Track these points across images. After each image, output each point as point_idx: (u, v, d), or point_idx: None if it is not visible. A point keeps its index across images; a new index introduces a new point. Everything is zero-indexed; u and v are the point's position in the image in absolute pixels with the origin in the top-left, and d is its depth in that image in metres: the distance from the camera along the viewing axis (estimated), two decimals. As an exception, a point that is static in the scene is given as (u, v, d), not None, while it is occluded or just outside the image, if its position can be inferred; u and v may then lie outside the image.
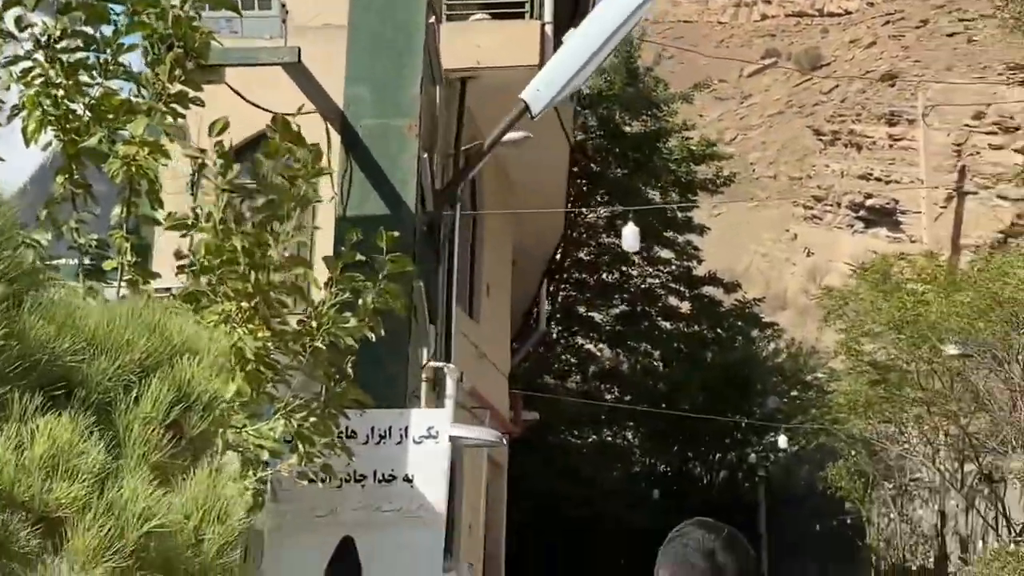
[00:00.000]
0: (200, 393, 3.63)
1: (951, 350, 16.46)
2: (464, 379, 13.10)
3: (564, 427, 27.94)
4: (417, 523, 5.40)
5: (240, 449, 4.28)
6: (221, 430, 3.71)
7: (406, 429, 5.46)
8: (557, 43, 13.37)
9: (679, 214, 29.73)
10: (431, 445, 5.56)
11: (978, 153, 35.22)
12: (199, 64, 4.95)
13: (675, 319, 31.34)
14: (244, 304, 4.49)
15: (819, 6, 71.12)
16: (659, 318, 30.95)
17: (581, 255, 29.38)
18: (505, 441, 13.86)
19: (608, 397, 31.27)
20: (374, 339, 5.00)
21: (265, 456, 4.43)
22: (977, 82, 37.54)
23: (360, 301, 4.89)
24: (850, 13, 60.14)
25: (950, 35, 43.20)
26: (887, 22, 52.28)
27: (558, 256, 24.96)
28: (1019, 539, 15.92)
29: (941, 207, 34.45)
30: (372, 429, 5.35)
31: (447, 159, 12.81)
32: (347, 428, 5.03)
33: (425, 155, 9.66)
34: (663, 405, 29.61)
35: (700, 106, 32.24)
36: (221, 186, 4.69)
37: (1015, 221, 29.57)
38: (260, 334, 4.45)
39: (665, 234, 29.51)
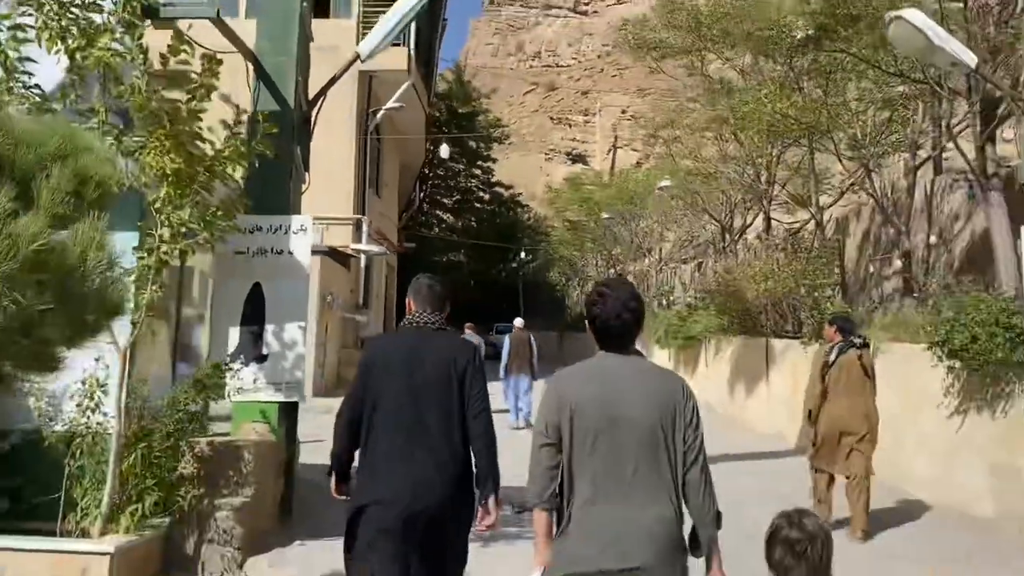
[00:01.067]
0: (95, 175, 4.05)
1: (604, 215, 26.34)
2: (372, 224, 20.84)
3: (432, 254, 43.02)
4: (295, 277, 6.80)
5: (170, 226, 5.54)
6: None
7: (289, 226, 6.75)
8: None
9: (484, 153, 50.22)
10: (302, 235, 6.77)
11: (623, 129, 61.10)
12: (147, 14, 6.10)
13: (482, 203, 51.87)
14: (166, 141, 5.43)
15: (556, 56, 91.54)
16: (475, 202, 51.55)
17: (439, 172, 46.83)
18: (389, 252, 22.01)
19: (452, 237, 49.36)
20: (270, 156, 6.23)
21: (184, 230, 5.62)
22: (625, 95, 63.08)
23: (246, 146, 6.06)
24: (569, 65, 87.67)
25: (620, 69, 62.83)
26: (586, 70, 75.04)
27: (426, 171, 41.40)
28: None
29: (606, 154, 56.62)
30: (270, 225, 6.75)
31: (362, 115, 20.46)
32: (257, 224, 6.69)
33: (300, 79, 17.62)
34: (477, 242, 48.17)
35: (496, 105, 52.17)
36: (146, 71, 5.66)
37: (640, 160, 42.57)
38: (177, 158, 5.42)
39: (477, 163, 49.83)
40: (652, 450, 2.71)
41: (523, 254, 42.35)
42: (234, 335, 6.79)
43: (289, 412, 7.05)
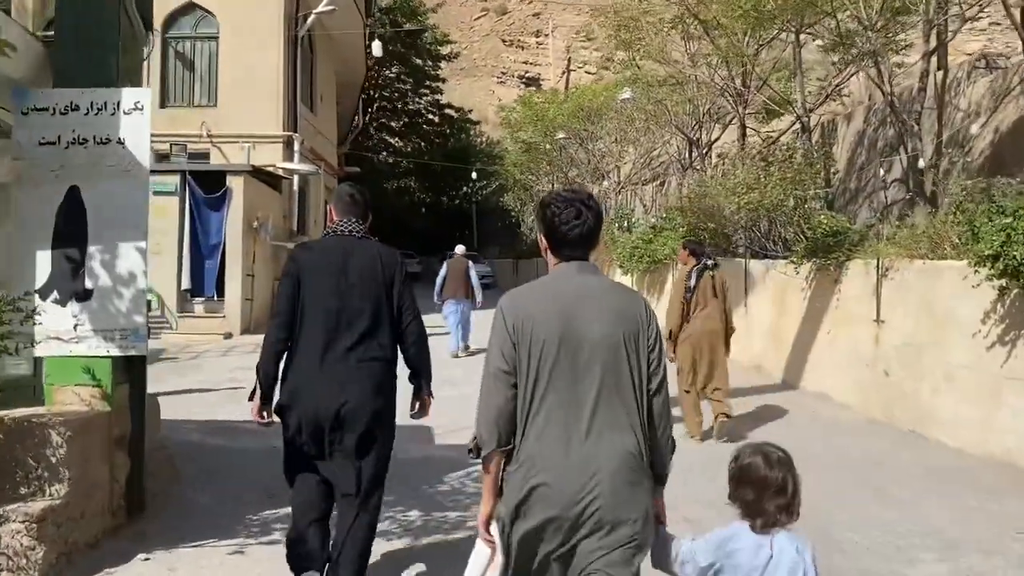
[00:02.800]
0: None
1: (560, 135, 24.31)
2: (305, 142, 18.48)
3: (379, 179, 40.92)
4: (128, 176, 4.74)
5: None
6: None
7: (118, 103, 4.69)
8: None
9: (433, 73, 45.83)
10: (138, 116, 4.75)
11: (577, 51, 58.48)
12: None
13: (432, 124, 47.33)
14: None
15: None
16: (424, 125, 47.05)
17: (385, 93, 43.73)
18: (325, 173, 19.64)
19: (400, 163, 46.83)
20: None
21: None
22: (578, 15, 59.77)
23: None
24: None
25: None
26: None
27: (369, 87, 37.39)
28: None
29: (560, 77, 55.96)
30: (91, 103, 4.68)
31: (291, 20, 17.89)
32: (71, 101, 4.70)
33: None
34: (426, 167, 45.80)
35: (445, 28, 50.23)
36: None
37: (595, 80, 40.78)
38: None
39: (425, 84, 45.52)
40: (616, 374, 2.41)
41: (475, 175, 39.75)
42: (44, 262, 4.63)
43: (131, 369, 4.95)
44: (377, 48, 19.64)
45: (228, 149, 17.92)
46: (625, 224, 21.53)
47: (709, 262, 7.61)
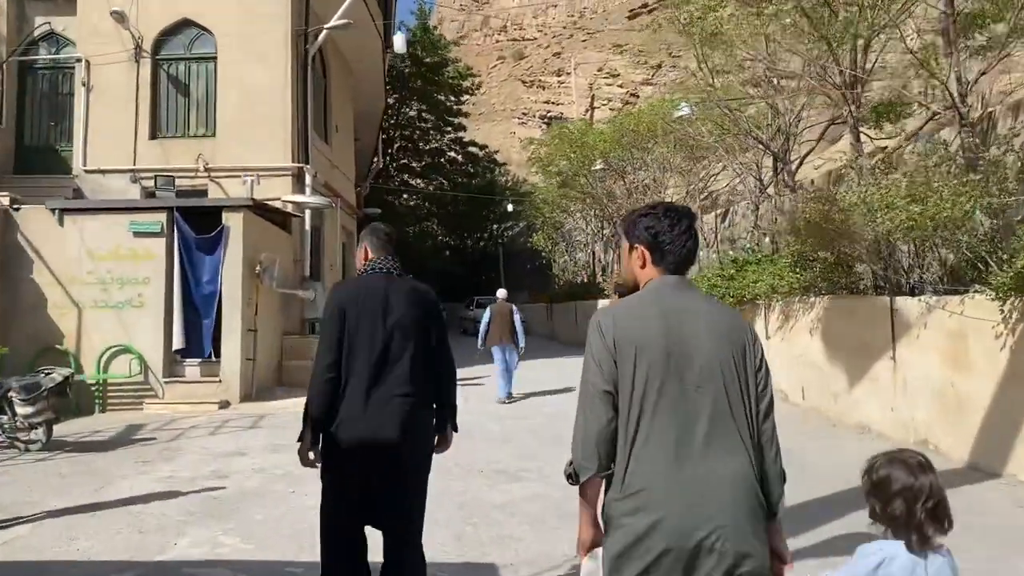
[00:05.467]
0: None
1: (598, 165, 21.44)
2: (319, 176, 15.67)
3: (400, 222, 37.96)
4: None
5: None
6: None
7: None
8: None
9: (456, 108, 43.14)
10: None
11: (600, 88, 57.48)
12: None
13: (454, 164, 44.43)
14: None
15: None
16: (446, 164, 43.95)
17: (405, 132, 41.73)
18: (342, 209, 16.78)
19: (423, 204, 44.47)
20: None
21: None
22: (600, 52, 60.67)
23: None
24: (535, 38, 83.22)
25: (590, 33, 65.07)
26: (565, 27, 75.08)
27: (388, 127, 37.15)
28: None
29: (583, 115, 53.92)
30: None
31: (299, 37, 15.34)
32: None
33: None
34: (449, 208, 43.49)
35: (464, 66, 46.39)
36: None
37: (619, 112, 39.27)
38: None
39: (447, 119, 42.52)
40: (727, 395, 2.19)
41: (508, 207, 36.13)
42: None
43: None
44: (399, 42, 16.78)
45: (229, 184, 15.05)
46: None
47: None
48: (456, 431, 3.90)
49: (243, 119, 15.21)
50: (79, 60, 15.48)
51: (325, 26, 15.75)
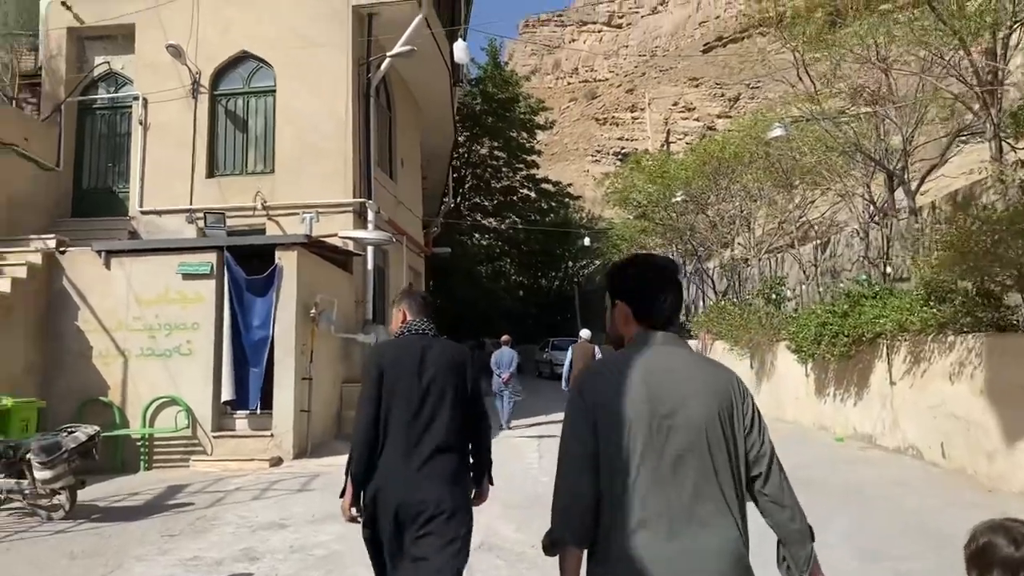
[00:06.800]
0: None
1: (678, 196, 19.88)
2: (382, 212, 14.64)
3: (471, 261, 37.50)
4: None
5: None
6: None
7: None
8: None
9: (528, 145, 41.45)
10: None
11: (676, 122, 56.03)
12: None
13: (527, 201, 42.65)
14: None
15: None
16: (519, 202, 42.19)
17: (477, 171, 40.21)
18: (403, 243, 15.56)
19: (496, 244, 43.31)
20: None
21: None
22: (675, 86, 59.06)
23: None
24: (607, 79, 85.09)
25: (663, 70, 60.22)
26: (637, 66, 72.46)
27: (459, 165, 36.31)
28: (720, 300, 19.64)
29: (659, 150, 52.14)
30: None
31: (361, 67, 14.48)
32: None
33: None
34: (522, 247, 41.73)
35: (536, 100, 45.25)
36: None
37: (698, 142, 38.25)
38: None
39: (519, 155, 40.77)
40: (712, 459, 2.07)
41: (584, 242, 34.44)
42: None
43: None
44: (460, 51, 15.60)
45: (288, 223, 14.11)
46: (775, 296, 16.70)
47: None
48: (492, 484, 3.94)
49: (303, 153, 14.33)
50: (136, 98, 14.91)
51: (388, 54, 14.81)
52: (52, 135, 14.96)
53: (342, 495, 3.69)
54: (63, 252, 11.85)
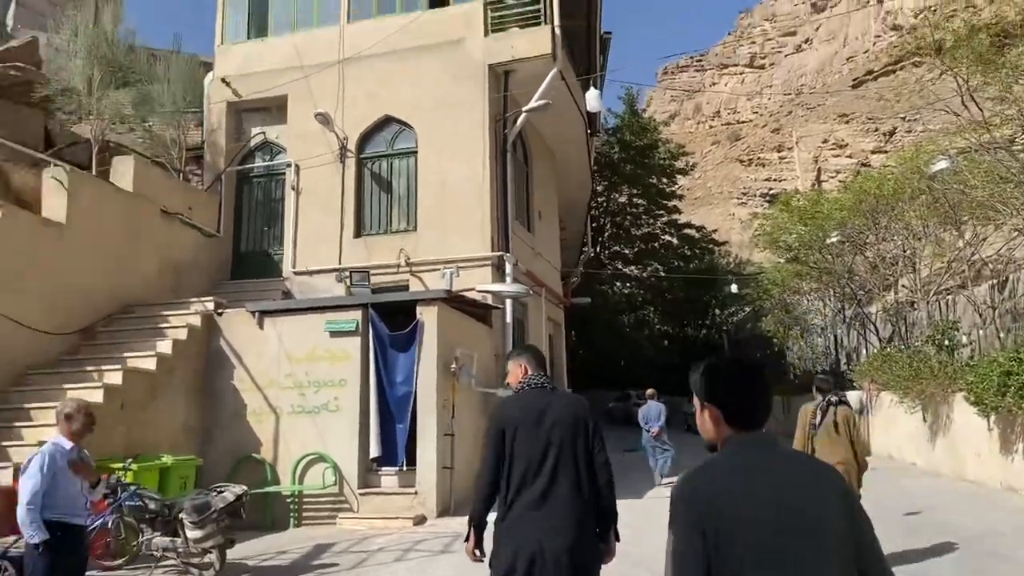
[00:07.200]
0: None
1: (834, 237, 18.68)
2: (520, 265, 14.58)
3: (612, 310, 37.29)
4: None
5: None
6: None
7: None
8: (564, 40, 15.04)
9: (668, 191, 40.42)
10: None
11: (827, 160, 53.89)
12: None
13: (670, 248, 41.27)
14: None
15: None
16: (660, 249, 40.91)
17: (616, 219, 39.75)
18: (541, 295, 15.23)
19: (639, 292, 42.45)
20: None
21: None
22: (824, 123, 56.83)
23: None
24: (751, 120, 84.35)
25: (810, 108, 61.06)
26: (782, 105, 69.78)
27: (598, 214, 36.44)
28: (885, 347, 18.09)
29: (810, 187, 51.13)
30: None
31: (497, 123, 14.59)
32: None
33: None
34: (666, 295, 40.46)
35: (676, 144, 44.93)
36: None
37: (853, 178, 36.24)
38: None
39: (660, 201, 39.78)
40: (839, 567, 1.97)
41: (731, 288, 32.88)
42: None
43: None
44: (592, 100, 15.37)
45: (429, 278, 14.27)
46: (947, 342, 15.24)
47: (833, 398, 7.46)
48: (618, 540, 3.91)
49: (443, 210, 14.53)
50: (289, 165, 15.69)
51: (524, 109, 14.87)
52: (213, 203, 15.94)
53: (466, 540, 3.95)
54: (220, 313, 12.44)
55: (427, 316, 11.64)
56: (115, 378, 10.67)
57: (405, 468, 11.40)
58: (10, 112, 14.05)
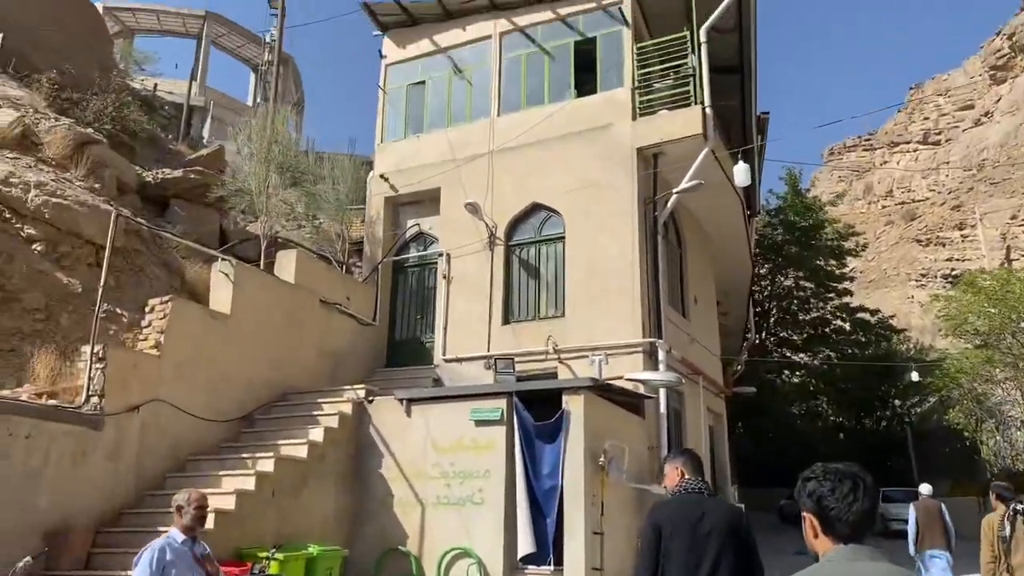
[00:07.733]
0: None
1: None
2: (674, 352, 13.91)
3: (780, 401, 35.60)
4: None
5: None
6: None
7: None
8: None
9: (838, 273, 38.06)
10: None
11: (1016, 237, 49.98)
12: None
13: (842, 333, 38.37)
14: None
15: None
16: (832, 335, 38.19)
17: (782, 304, 37.91)
18: (685, 381, 14.39)
19: (810, 381, 39.98)
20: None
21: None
22: (1011, 197, 52.92)
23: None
24: (927, 198, 78.64)
25: (994, 183, 58.94)
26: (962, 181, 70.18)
27: (762, 299, 34.97)
28: None
29: (1000, 266, 45.33)
30: None
31: (647, 205, 14.27)
32: None
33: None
34: (840, 384, 37.43)
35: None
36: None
37: None
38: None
39: (829, 283, 37.46)
40: None
41: (913, 377, 29.76)
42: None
43: None
44: (741, 174, 14.59)
45: (577, 365, 13.83)
46: None
47: (1019, 507, 7.06)
48: None
49: (591, 296, 14.18)
50: (441, 254, 15.97)
51: (674, 190, 14.45)
52: (370, 293, 16.39)
53: None
54: (371, 401, 12.52)
55: (573, 405, 11.14)
56: (267, 465, 10.85)
57: (553, 567, 10.79)
58: (190, 212, 15.22)
